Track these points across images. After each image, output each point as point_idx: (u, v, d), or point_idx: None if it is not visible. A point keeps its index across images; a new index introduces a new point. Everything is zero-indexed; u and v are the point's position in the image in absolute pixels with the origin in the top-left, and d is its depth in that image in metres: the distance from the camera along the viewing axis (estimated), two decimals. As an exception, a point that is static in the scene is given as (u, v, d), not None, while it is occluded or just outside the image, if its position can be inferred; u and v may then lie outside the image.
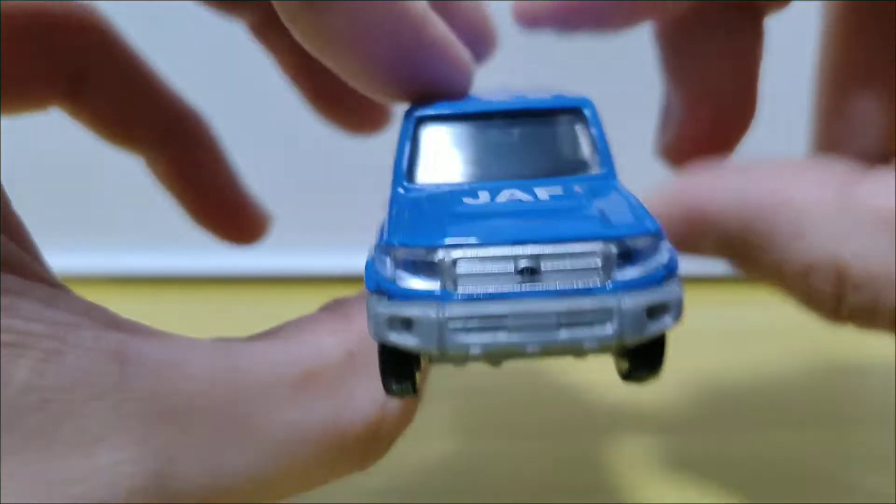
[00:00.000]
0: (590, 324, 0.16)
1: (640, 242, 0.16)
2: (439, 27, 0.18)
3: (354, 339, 0.20)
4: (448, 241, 0.16)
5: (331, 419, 0.18)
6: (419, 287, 0.16)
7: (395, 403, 0.20)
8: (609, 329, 0.15)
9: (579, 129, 0.21)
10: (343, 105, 0.30)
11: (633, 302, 0.15)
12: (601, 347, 0.16)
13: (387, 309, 0.16)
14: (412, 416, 0.21)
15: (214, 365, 0.16)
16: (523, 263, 0.16)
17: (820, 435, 0.38)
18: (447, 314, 0.15)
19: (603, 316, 0.15)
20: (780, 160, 0.23)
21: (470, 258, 0.16)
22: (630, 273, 0.16)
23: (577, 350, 0.16)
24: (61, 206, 0.55)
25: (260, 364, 0.17)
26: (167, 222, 0.33)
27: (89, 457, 0.14)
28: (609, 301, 0.15)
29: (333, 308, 0.21)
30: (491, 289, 0.16)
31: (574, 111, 0.21)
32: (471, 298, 0.16)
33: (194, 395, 0.15)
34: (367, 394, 0.19)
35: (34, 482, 0.13)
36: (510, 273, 0.16)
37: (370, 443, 0.19)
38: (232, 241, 0.33)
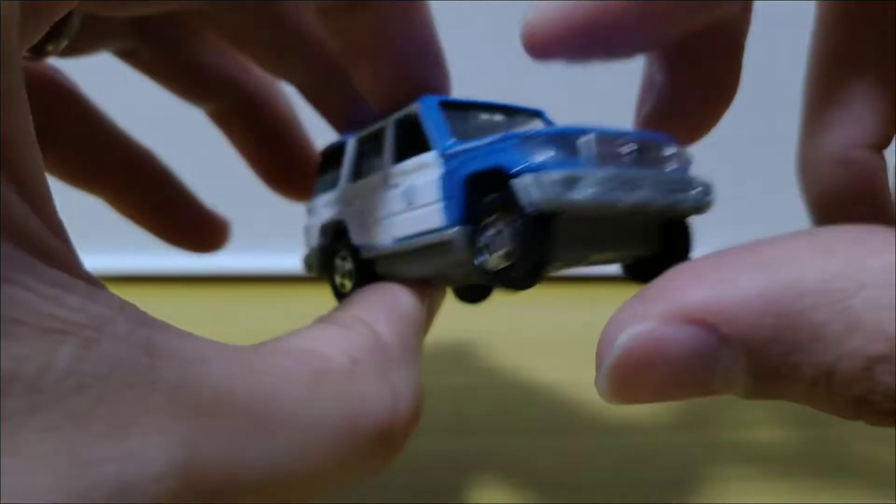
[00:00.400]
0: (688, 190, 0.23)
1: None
2: (437, 38, 0.19)
3: (355, 346, 0.21)
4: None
5: (344, 419, 0.19)
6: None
7: (404, 405, 0.21)
8: (697, 193, 0.23)
9: None
10: (290, 178, 0.35)
11: (702, 178, 0.23)
12: (697, 205, 0.23)
13: (560, 173, 0.20)
14: (420, 414, 0.22)
15: (233, 364, 0.17)
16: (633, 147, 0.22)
17: (819, 434, 0.38)
18: (603, 175, 0.21)
19: (694, 185, 0.23)
20: (795, 236, 0.18)
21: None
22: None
23: (679, 207, 0.23)
24: (61, 206, 0.55)
25: (273, 366, 0.18)
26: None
27: (123, 440, 0.14)
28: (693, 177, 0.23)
29: (328, 319, 0.23)
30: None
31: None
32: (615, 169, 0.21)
33: (218, 390, 0.16)
34: (378, 396, 0.20)
35: (72, 460, 0.14)
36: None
37: (385, 442, 0.20)
38: (200, 251, 0.37)
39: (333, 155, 0.30)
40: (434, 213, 0.24)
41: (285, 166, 0.35)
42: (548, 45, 0.23)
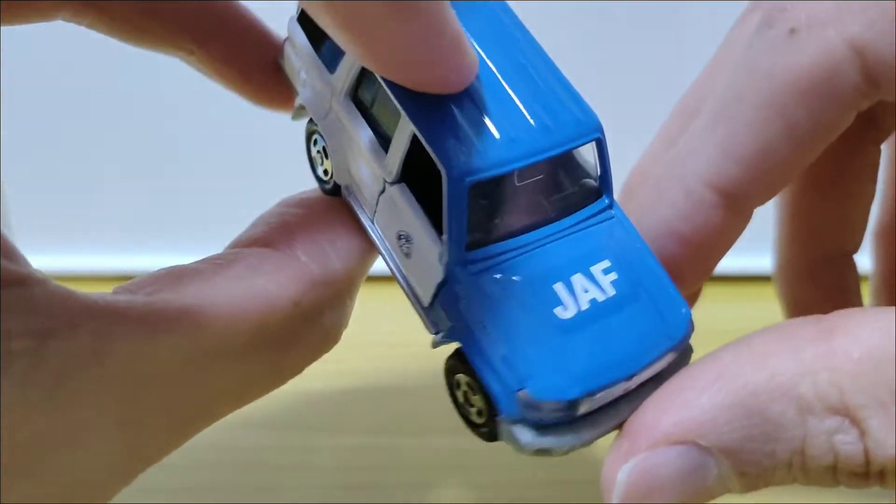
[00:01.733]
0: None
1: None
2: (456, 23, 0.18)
3: (305, 289, 0.21)
4: (581, 391, 0.19)
5: (276, 367, 0.21)
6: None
7: (330, 339, 0.22)
8: None
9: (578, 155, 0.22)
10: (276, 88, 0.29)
11: None
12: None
13: (532, 441, 0.20)
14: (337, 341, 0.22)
15: (177, 326, 0.18)
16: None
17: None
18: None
19: None
20: (735, 346, 0.20)
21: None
22: None
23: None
24: (61, 206, 0.55)
25: (223, 322, 0.19)
26: (166, 222, 0.33)
27: (74, 448, 0.15)
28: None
29: (286, 242, 0.22)
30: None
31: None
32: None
33: (160, 378, 0.17)
34: (307, 335, 0.21)
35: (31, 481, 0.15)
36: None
37: (297, 364, 0.21)
38: (273, 107, 0.31)
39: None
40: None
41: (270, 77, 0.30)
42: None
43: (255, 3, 0.29)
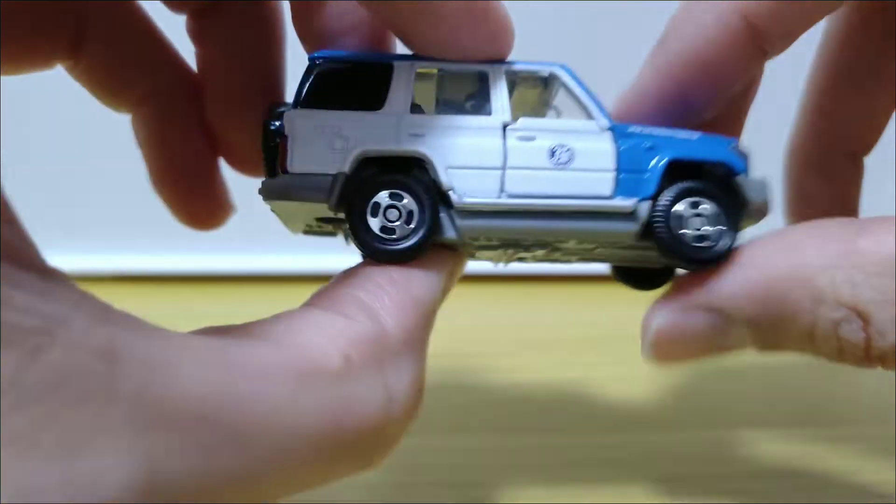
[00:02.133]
0: None
1: None
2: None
3: (353, 340, 0.19)
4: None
5: (329, 422, 0.18)
6: None
7: (399, 403, 0.20)
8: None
9: None
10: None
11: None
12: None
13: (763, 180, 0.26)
14: (417, 409, 0.21)
15: (206, 365, 0.16)
16: None
17: (820, 434, 0.38)
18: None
19: None
20: (773, 236, 0.24)
21: None
22: None
23: None
24: (61, 206, 0.55)
25: (253, 365, 0.17)
26: (166, 222, 0.33)
27: (73, 463, 0.13)
28: None
29: (328, 304, 0.21)
30: None
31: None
32: None
33: (186, 397, 0.15)
34: (369, 396, 0.19)
35: (10, 489, 0.12)
36: None
37: (373, 443, 0.19)
38: (187, 221, 0.32)
39: (352, 71, 0.26)
40: (600, 182, 0.25)
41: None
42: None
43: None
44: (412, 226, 0.24)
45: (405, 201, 0.24)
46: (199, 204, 0.32)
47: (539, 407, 0.40)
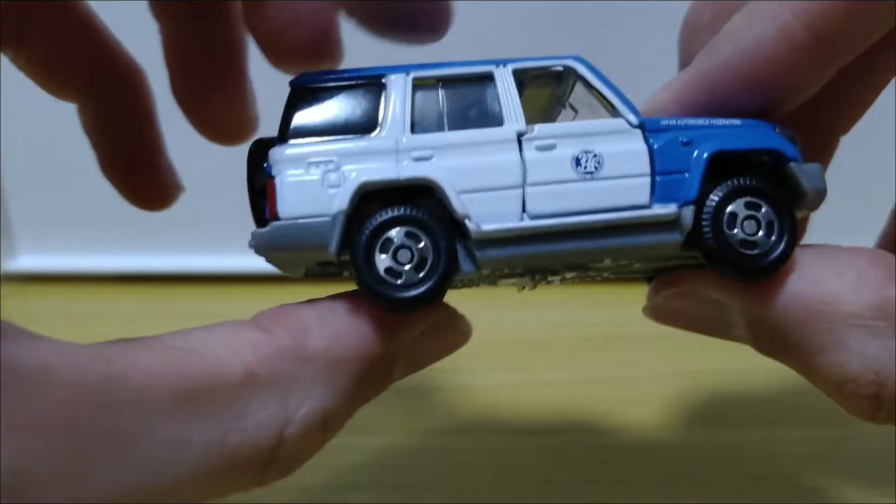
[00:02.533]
0: None
1: None
2: None
3: (265, 357, 0.19)
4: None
5: (216, 440, 0.17)
6: None
7: (296, 428, 0.19)
8: None
9: None
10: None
11: None
12: None
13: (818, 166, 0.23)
14: (317, 444, 0.20)
15: (84, 372, 0.16)
16: None
17: (820, 434, 0.38)
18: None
19: None
20: (819, 252, 0.22)
21: None
22: None
23: None
24: (61, 206, 0.55)
25: (140, 375, 0.17)
26: (166, 222, 0.33)
27: None
28: None
29: (260, 318, 0.20)
30: None
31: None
32: None
33: (56, 402, 0.15)
34: (264, 416, 0.18)
35: None
36: None
37: (266, 466, 0.19)
38: (135, 202, 0.32)
39: (339, 91, 0.23)
40: (635, 189, 0.22)
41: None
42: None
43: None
44: (421, 275, 0.21)
45: (421, 245, 0.21)
46: (147, 187, 0.32)
47: (538, 407, 0.40)
